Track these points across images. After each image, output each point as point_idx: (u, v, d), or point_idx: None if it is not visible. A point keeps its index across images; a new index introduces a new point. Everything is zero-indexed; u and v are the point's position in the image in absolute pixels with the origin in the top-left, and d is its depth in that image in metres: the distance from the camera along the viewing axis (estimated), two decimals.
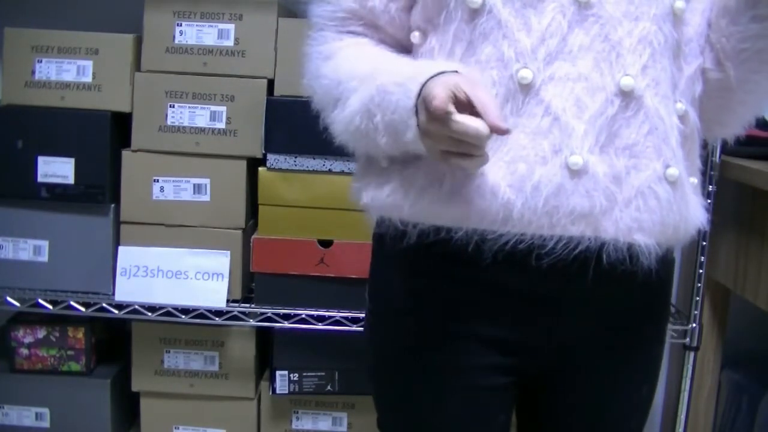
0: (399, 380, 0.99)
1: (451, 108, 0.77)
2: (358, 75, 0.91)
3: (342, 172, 1.64)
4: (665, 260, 0.94)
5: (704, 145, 1.72)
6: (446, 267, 0.92)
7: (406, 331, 0.97)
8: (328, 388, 1.72)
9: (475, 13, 0.88)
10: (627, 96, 0.86)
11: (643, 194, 0.88)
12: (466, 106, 0.79)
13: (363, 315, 1.07)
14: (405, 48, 0.99)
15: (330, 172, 1.65)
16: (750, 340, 1.97)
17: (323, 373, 1.72)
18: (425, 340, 0.95)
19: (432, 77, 0.81)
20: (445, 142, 0.81)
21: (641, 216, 0.88)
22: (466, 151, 0.80)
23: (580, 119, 0.85)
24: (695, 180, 0.97)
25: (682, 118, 0.92)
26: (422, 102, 0.81)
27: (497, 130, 0.76)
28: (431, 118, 0.79)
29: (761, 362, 1.89)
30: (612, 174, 0.86)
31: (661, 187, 0.88)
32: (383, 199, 0.93)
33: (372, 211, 0.97)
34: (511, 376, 0.97)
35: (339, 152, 0.98)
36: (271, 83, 1.67)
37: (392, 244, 0.95)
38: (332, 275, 1.66)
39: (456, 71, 0.83)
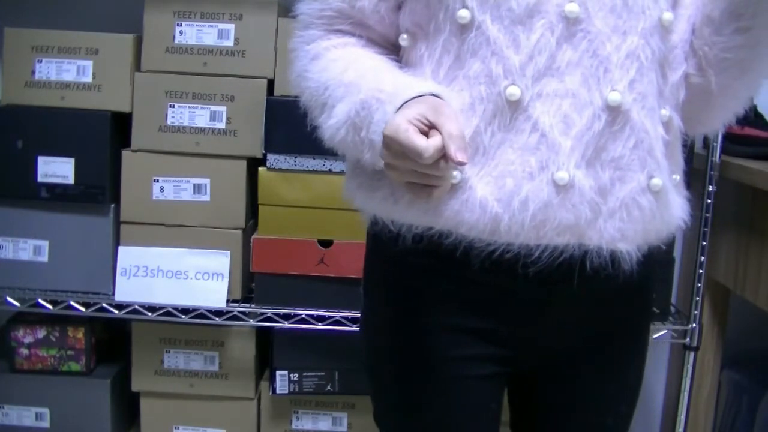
0: (392, 371, 1.00)
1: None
2: (344, 82, 0.91)
3: (342, 172, 1.64)
4: (646, 258, 0.94)
5: (705, 145, 1.73)
6: (438, 265, 0.93)
7: (398, 324, 0.98)
8: (328, 388, 1.72)
9: (463, 28, 0.87)
10: (614, 111, 0.86)
11: (627, 206, 0.89)
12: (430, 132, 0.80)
13: None
14: (395, 45, 0.98)
15: (330, 172, 1.65)
16: (750, 340, 1.97)
17: (323, 373, 1.71)
18: (417, 332, 0.96)
19: (406, 102, 0.83)
20: (404, 173, 0.82)
21: (624, 226, 0.89)
22: (427, 182, 0.82)
23: (567, 135, 0.86)
24: (678, 176, 0.98)
25: (667, 124, 0.92)
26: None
27: (453, 162, 0.78)
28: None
29: (761, 362, 1.89)
30: (597, 186, 0.87)
31: (644, 198, 0.89)
32: (375, 205, 0.94)
33: (365, 212, 0.98)
34: (502, 366, 0.98)
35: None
36: (271, 83, 1.67)
37: (386, 243, 0.96)
38: (332, 275, 1.66)
39: (433, 93, 0.84)
